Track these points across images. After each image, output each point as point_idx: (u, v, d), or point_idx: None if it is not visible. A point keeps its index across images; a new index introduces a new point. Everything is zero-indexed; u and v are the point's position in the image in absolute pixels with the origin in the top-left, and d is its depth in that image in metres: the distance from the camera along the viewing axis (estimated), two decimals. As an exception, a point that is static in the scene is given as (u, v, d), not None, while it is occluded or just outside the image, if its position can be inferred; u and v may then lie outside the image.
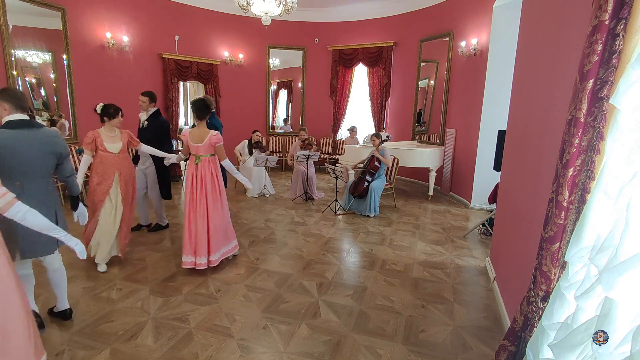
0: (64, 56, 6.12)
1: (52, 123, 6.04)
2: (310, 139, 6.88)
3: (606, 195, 1.18)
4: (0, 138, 2.08)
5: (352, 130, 8.21)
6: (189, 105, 3.42)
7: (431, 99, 7.60)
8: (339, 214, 5.63)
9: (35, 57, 5.88)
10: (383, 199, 6.18)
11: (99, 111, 3.50)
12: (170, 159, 4.06)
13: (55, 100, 6.13)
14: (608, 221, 1.19)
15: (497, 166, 4.20)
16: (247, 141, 6.99)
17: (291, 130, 9.83)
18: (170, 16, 7.77)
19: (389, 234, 4.78)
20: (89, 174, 3.60)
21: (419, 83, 7.86)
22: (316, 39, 9.24)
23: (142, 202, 4.49)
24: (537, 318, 1.51)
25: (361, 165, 5.87)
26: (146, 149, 3.92)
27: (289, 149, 9.45)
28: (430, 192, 6.76)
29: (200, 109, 3.44)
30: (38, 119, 3.40)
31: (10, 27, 5.36)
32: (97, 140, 3.44)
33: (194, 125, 3.63)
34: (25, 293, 1.84)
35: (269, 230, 4.82)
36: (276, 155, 8.58)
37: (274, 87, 9.64)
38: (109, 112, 3.49)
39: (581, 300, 1.19)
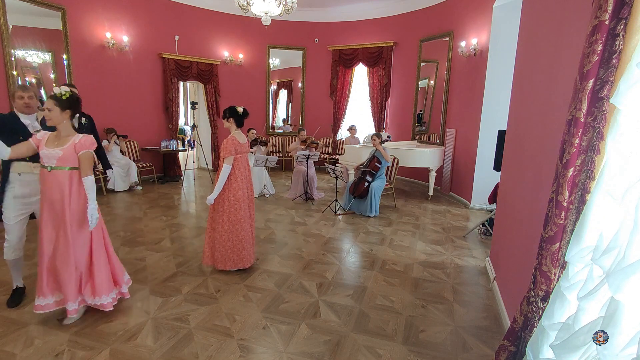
0: (64, 56, 6.13)
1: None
2: (310, 138, 6.86)
3: (608, 196, 1.18)
4: None
5: (352, 129, 8.22)
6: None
7: (431, 99, 7.60)
8: (339, 214, 5.62)
9: (35, 57, 5.88)
10: (383, 199, 6.18)
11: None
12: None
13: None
14: (611, 222, 1.18)
15: (497, 166, 4.20)
16: None
17: (291, 130, 9.83)
18: (170, 16, 7.77)
19: (389, 234, 4.77)
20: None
21: (419, 83, 7.86)
22: (316, 39, 9.24)
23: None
24: (537, 318, 1.51)
25: (362, 167, 5.87)
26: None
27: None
28: (430, 192, 6.76)
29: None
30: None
31: (10, 27, 5.36)
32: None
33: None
34: None
35: (269, 230, 4.82)
36: (276, 155, 8.59)
37: (274, 87, 9.64)
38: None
39: (584, 301, 1.18)
